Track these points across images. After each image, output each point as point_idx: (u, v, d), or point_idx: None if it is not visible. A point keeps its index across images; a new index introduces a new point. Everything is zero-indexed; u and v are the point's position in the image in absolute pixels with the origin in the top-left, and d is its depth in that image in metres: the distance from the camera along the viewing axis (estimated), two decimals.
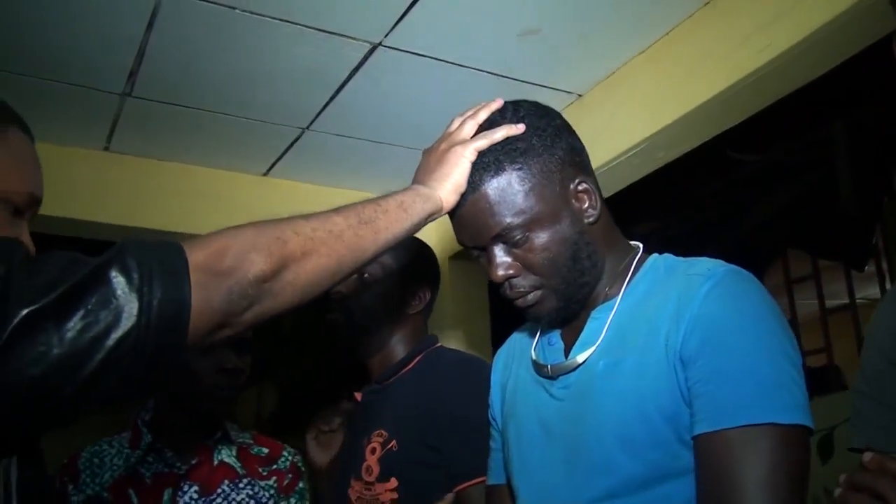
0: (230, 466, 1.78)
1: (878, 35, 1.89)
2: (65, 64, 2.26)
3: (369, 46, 2.25)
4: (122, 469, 1.72)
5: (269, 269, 0.98)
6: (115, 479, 1.71)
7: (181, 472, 1.73)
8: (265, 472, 1.82)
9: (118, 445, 1.77)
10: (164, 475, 1.72)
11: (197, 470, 1.74)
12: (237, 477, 1.77)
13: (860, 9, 1.78)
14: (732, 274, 1.11)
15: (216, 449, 1.78)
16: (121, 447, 1.77)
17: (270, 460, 1.86)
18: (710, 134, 2.36)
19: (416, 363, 1.84)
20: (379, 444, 1.70)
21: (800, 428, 1.01)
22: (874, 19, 1.82)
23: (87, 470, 1.73)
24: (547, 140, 1.20)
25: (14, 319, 0.79)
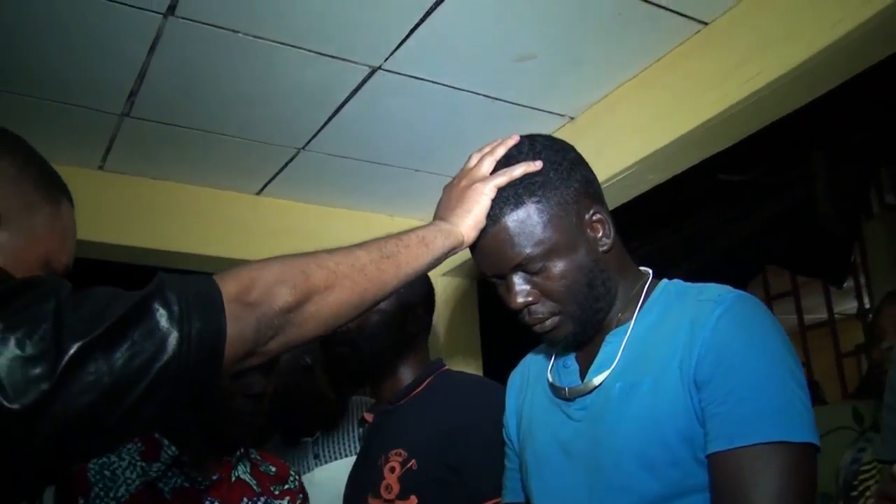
0: (247, 483, 1.74)
1: (861, 67, 1.97)
2: (65, 84, 2.29)
3: (369, 70, 2.29)
4: (139, 483, 1.63)
5: (293, 301, 1.03)
6: (131, 493, 1.61)
7: (202, 488, 1.67)
8: (278, 492, 1.79)
9: (129, 457, 1.66)
10: (184, 491, 1.65)
11: (217, 486, 1.68)
12: (255, 495, 1.74)
13: (843, 43, 1.85)
14: (741, 300, 1.18)
15: (235, 465, 1.74)
16: (132, 459, 1.66)
17: (280, 479, 1.82)
18: (698, 158, 2.42)
19: (426, 385, 1.88)
20: (398, 463, 1.74)
21: (808, 446, 1.07)
22: (856, 53, 1.90)
23: (100, 483, 1.62)
24: (563, 173, 1.26)
25: (68, 352, 0.84)
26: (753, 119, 2.22)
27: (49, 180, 1.18)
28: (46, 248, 1.14)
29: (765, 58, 2.03)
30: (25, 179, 1.13)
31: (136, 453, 1.67)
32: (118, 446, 0.93)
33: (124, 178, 2.93)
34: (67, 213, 1.20)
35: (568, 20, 2.10)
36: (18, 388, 0.81)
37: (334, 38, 2.13)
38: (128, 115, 2.47)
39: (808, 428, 1.07)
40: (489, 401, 1.68)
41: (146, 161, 2.84)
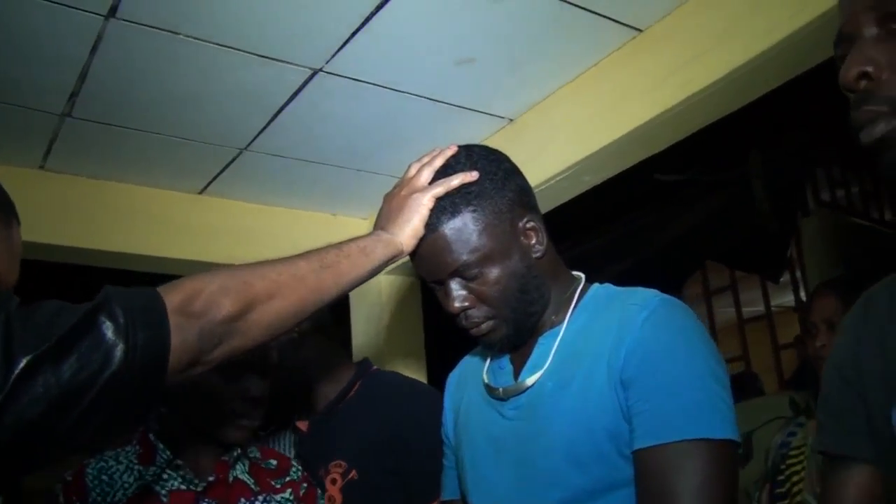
0: (244, 483, 1.72)
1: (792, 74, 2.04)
2: (4, 84, 2.26)
3: (310, 72, 2.31)
4: (135, 487, 1.64)
5: (235, 311, 1.08)
6: (128, 497, 1.63)
7: (199, 490, 1.65)
8: (279, 486, 1.77)
9: (126, 461, 1.67)
10: (181, 493, 1.65)
11: (214, 488, 1.67)
12: (252, 494, 1.72)
13: (774, 52, 1.91)
14: (666, 303, 1.24)
15: (231, 465, 1.72)
16: (129, 463, 1.67)
17: (282, 472, 1.80)
18: (634, 160, 2.49)
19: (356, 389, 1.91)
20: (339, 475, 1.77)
21: (729, 442, 1.14)
22: (787, 61, 1.97)
23: (97, 488, 1.63)
24: (498, 183, 1.31)
25: (18, 366, 0.87)
26: (687, 123, 2.28)
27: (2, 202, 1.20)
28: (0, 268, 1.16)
29: (697, 64, 2.10)
30: None
31: (134, 456, 1.68)
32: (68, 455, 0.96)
33: (65, 178, 2.90)
34: (17, 232, 1.22)
35: (506, 25, 2.15)
36: None
37: (275, 40, 2.14)
38: (69, 115, 2.46)
39: (729, 425, 1.14)
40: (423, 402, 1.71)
41: (88, 161, 2.82)
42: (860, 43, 0.92)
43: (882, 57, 0.89)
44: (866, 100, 0.90)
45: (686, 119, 2.25)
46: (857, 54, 0.91)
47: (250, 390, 1.69)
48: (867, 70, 0.90)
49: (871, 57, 0.90)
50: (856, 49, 0.92)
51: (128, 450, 1.70)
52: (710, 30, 2.07)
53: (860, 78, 0.90)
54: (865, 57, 0.90)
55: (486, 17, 2.09)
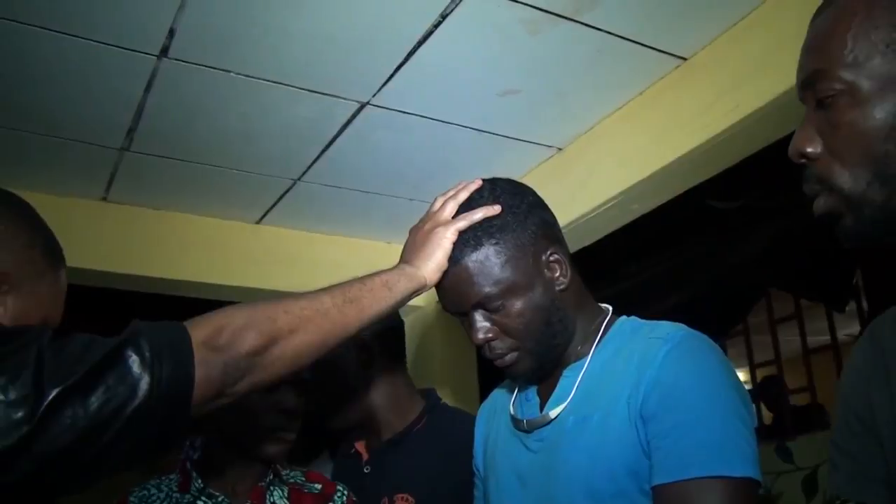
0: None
1: None
2: (67, 121, 2.37)
3: (358, 105, 2.36)
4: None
5: (259, 345, 1.11)
6: None
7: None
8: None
9: (167, 489, 1.69)
10: None
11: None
12: None
13: None
14: (690, 338, 1.23)
15: (268, 490, 1.71)
16: (170, 490, 1.69)
17: (325, 498, 1.78)
18: (683, 188, 2.47)
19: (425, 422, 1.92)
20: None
21: (748, 480, 1.12)
22: None
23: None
24: (520, 217, 1.32)
25: (48, 397, 0.91)
26: (736, 149, 2.27)
27: (53, 248, 1.28)
28: (47, 312, 1.23)
29: (743, 90, 2.09)
30: (34, 247, 1.23)
31: (175, 484, 1.70)
32: (93, 484, 1.01)
33: (127, 209, 3.00)
34: (63, 279, 1.29)
35: (549, 57, 2.17)
36: (1, 430, 0.89)
37: (324, 75, 2.20)
38: (127, 149, 2.55)
39: (749, 463, 1.12)
40: None
41: (147, 192, 2.92)
42: (805, 117, 0.98)
43: (816, 136, 0.95)
44: (806, 178, 0.97)
45: (734, 145, 2.23)
46: (797, 134, 0.97)
47: (284, 403, 1.69)
48: (804, 150, 0.95)
49: (807, 137, 0.95)
50: (799, 128, 0.98)
51: (170, 478, 1.72)
52: (754, 55, 2.06)
53: (800, 157, 0.96)
54: (802, 137, 0.96)
55: (528, 49, 2.12)
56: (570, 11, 1.98)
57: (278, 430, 1.69)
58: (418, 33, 2.03)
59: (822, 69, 0.94)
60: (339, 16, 1.95)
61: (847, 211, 0.94)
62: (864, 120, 0.91)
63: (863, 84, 0.91)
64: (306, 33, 2.00)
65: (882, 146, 0.90)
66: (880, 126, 0.90)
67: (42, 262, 1.24)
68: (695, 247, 4.42)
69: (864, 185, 0.92)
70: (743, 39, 2.10)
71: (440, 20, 1.98)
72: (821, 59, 0.95)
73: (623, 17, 2.03)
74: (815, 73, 0.95)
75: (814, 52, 0.97)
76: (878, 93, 0.91)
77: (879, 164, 0.91)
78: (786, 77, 1.96)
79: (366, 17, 1.96)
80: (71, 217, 2.84)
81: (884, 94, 0.90)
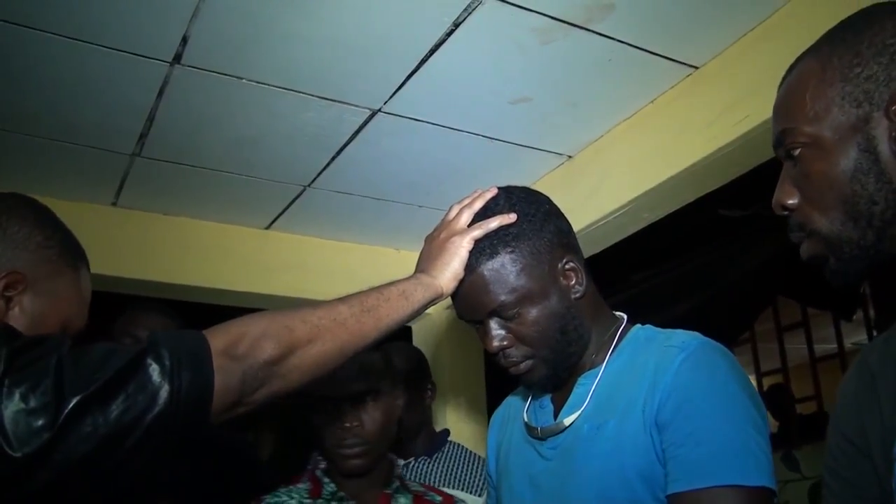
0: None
1: None
2: (78, 127, 2.38)
3: (369, 112, 2.37)
4: None
5: (277, 354, 1.11)
6: None
7: None
8: None
9: (297, 496, 1.78)
10: None
11: None
12: None
13: None
14: (704, 347, 1.23)
15: (394, 497, 1.80)
16: (301, 497, 1.78)
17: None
18: (693, 196, 2.47)
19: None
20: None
21: (763, 490, 1.12)
22: None
23: None
24: (536, 225, 1.33)
25: (69, 405, 0.92)
26: (746, 158, 2.26)
27: (71, 247, 1.29)
28: (66, 311, 1.26)
29: (754, 99, 2.08)
30: (50, 247, 1.25)
31: (305, 492, 1.79)
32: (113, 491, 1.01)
33: (137, 214, 3.01)
34: (85, 278, 1.31)
35: (560, 65, 2.17)
36: (22, 438, 0.89)
37: (335, 83, 2.21)
38: (139, 155, 2.56)
39: (764, 472, 1.13)
40: None
41: (158, 198, 2.93)
42: (782, 173, 1.07)
43: (793, 189, 1.04)
44: (790, 228, 1.06)
45: (745, 154, 2.23)
46: (778, 188, 1.06)
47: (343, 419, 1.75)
48: (784, 203, 1.05)
49: (787, 190, 1.05)
50: (779, 183, 1.07)
51: (300, 486, 1.80)
52: (765, 65, 2.06)
53: (782, 209, 1.06)
54: (781, 192, 1.06)
55: (539, 58, 2.12)
56: (582, 20, 1.99)
57: (338, 446, 1.74)
58: (431, 41, 2.04)
59: (789, 128, 1.04)
60: (352, 23, 1.95)
61: (829, 252, 1.02)
62: (830, 167, 1.00)
63: (825, 135, 1.00)
64: (318, 40, 2.01)
65: (849, 188, 0.99)
66: (845, 170, 0.99)
67: (59, 261, 1.25)
68: (703, 255, 4.42)
69: (840, 225, 1.00)
70: (755, 49, 2.10)
71: (453, 28, 1.98)
72: (787, 118, 1.05)
73: (634, 26, 2.03)
74: (783, 131, 1.05)
75: (781, 113, 1.08)
76: (839, 141, 1.00)
77: (849, 204, 0.99)
78: None
79: (378, 24, 1.96)
80: (81, 222, 2.75)
81: (845, 142, 0.99)
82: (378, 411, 1.79)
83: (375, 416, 1.78)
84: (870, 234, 0.98)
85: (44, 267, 1.23)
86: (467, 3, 1.89)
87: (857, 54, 1.00)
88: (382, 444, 1.81)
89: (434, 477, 2.49)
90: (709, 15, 2.03)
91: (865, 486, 1.09)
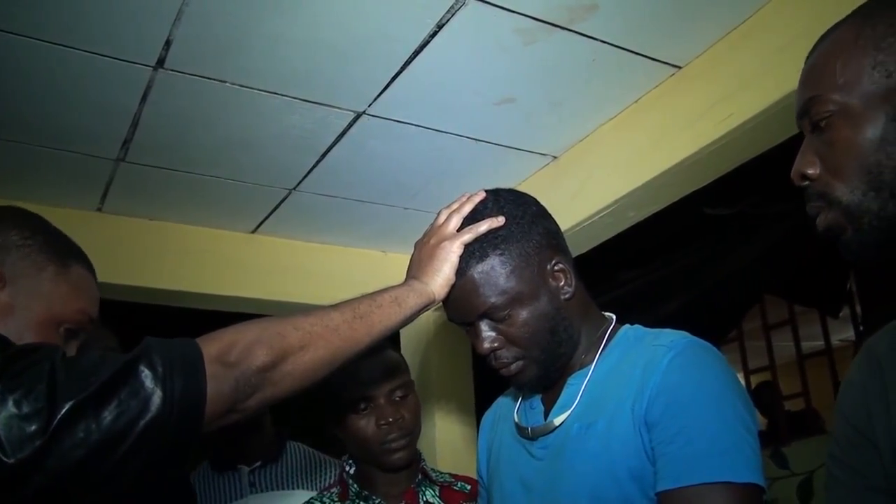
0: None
1: None
2: (62, 133, 2.36)
3: (354, 115, 2.36)
4: None
5: (270, 361, 1.12)
6: None
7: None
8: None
9: (329, 500, 1.88)
10: None
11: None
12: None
13: None
14: (693, 346, 1.24)
15: (420, 490, 1.85)
16: (332, 501, 1.87)
17: (473, 496, 1.89)
18: (678, 195, 2.48)
19: None
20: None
21: (752, 486, 1.12)
22: None
23: None
24: (524, 227, 1.34)
25: (61, 411, 0.92)
26: (731, 157, 2.27)
27: (56, 245, 1.30)
28: (52, 305, 1.25)
29: (738, 98, 2.09)
30: (30, 246, 1.25)
31: (336, 496, 1.88)
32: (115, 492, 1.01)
33: (122, 220, 2.99)
34: (78, 273, 1.31)
35: (543, 66, 2.17)
36: (15, 443, 0.89)
37: (319, 85, 2.20)
38: (123, 160, 2.54)
39: (753, 469, 1.13)
40: None
41: (143, 203, 2.91)
42: (804, 144, 1.07)
43: (815, 158, 1.04)
44: (809, 197, 1.05)
45: (729, 153, 2.23)
46: (799, 158, 1.06)
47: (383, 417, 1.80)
48: (805, 172, 1.04)
49: (808, 160, 1.04)
50: (800, 151, 1.06)
51: (332, 491, 1.90)
52: (749, 64, 2.07)
53: (802, 179, 1.05)
54: (802, 161, 1.05)
55: (523, 58, 2.12)
56: (565, 21, 1.99)
57: (383, 443, 1.80)
58: (414, 43, 2.03)
59: (817, 95, 1.03)
60: (336, 25, 1.95)
61: (847, 223, 1.01)
62: (856, 135, 0.99)
63: (854, 103, 1.00)
64: (302, 43, 2.00)
65: (874, 157, 0.98)
66: (871, 139, 0.98)
67: (39, 257, 1.25)
68: (690, 254, 4.44)
69: (861, 195, 0.99)
70: (738, 48, 2.11)
71: (436, 30, 1.98)
72: (815, 86, 1.04)
73: (618, 26, 2.03)
74: (810, 99, 1.04)
75: (809, 81, 1.07)
76: (868, 110, 0.99)
77: (873, 174, 0.98)
78: (781, 85, 1.98)
79: (362, 26, 1.96)
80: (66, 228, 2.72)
81: (873, 111, 0.99)
82: (413, 403, 1.87)
83: (412, 408, 1.86)
84: (891, 206, 0.97)
85: (22, 263, 1.23)
86: (450, 5, 1.89)
87: (891, 25, 0.99)
88: (418, 434, 1.89)
89: None
90: (691, 15, 2.03)
91: (871, 474, 1.10)
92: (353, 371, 1.72)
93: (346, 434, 1.84)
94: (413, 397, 1.88)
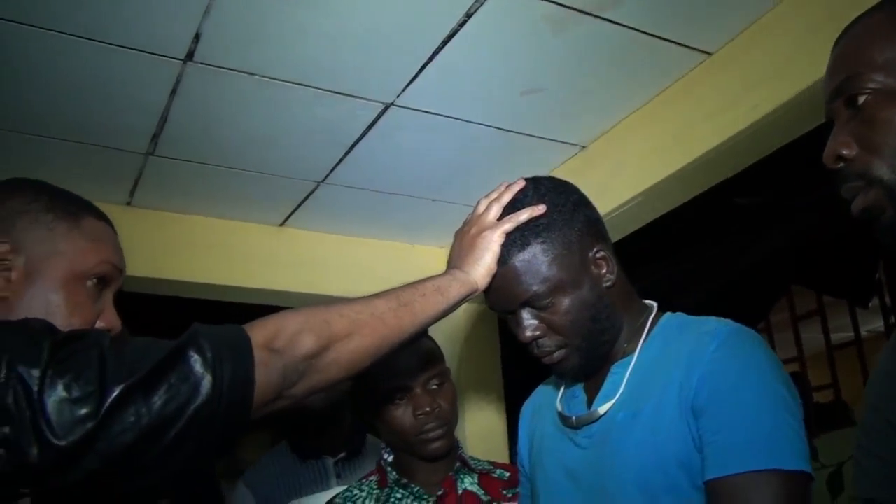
0: (474, 494, 1.84)
1: None
2: (92, 127, 2.37)
3: (382, 106, 2.36)
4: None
5: (316, 348, 1.12)
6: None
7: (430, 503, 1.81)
8: (510, 495, 1.86)
9: (367, 488, 1.88)
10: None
11: (444, 500, 1.81)
12: (482, 503, 1.83)
13: None
14: (738, 333, 1.23)
15: (458, 478, 1.84)
16: (370, 489, 1.87)
17: (513, 483, 1.87)
18: (707, 185, 2.46)
19: None
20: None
21: (801, 474, 1.12)
22: None
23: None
24: (566, 215, 1.33)
25: (111, 395, 0.92)
26: (760, 145, 2.25)
27: (62, 203, 1.26)
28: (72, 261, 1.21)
29: (768, 86, 2.07)
30: (35, 209, 1.22)
31: (374, 483, 1.88)
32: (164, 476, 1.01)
33: (151, 213, 3.01)
34: (91, 225, 1.28)
35: (572, 55, 2.16)
36: (66, 426, 0.89)
37: (347, 77, 2.20)
38: (152, 154, 2.56)
39: (800, 456, 1.12)
40: None
41: (172, 197, 2.92)
42: (836, 127, 1.04)
43: (852, 137, 1.01)
44: (845, 178, 1.03)
45: (759, 141, 2.22)
46: (833, 139, 1.03)
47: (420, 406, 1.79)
48: (841, 153, 1.01)
49: (843, 140, 1.02)
50: (833, 133, 1.04)
51: (371, 479, 1.90)
52: (780, 49, 2.05)
53: (837, 160, 1.02)
54: (838, 141, 1.02)
55: (551, 48, 2.11)
56: (594, 8, 1.98)
57: (421, 433, 1.79)
58: (443, 33, 2.03)
59: (855, 73, 1.01)
60: (364, 17, 1.95)
61: (888, 203, 0.98)
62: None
63: (894, 84, 0.98)
64: (330, 35, 2.00)
65: None
66: None
67: (46, 216, 1.22)
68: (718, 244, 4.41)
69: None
70: (769, 33, 2.08)
71: (465, 19, 1.97)
72: (853, 66, 1.02)
73: (647, 12, 2.02)
74: (847, 79, 1.02)
75: (844, 62, 1.04)
76: None
77: None
78: (812, 71, 1.95)
79: (390, 17, 1.96)
80: None
81: None
82: (450, 392, 1.86)
83: (449, 397, 1.84)
84: None
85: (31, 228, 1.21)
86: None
87: None
88: (455, 423, 1.87)
89: None
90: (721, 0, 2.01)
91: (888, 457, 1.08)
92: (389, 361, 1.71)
93: (383, 424, 1.83)
94: (449, 385, 1.87)
